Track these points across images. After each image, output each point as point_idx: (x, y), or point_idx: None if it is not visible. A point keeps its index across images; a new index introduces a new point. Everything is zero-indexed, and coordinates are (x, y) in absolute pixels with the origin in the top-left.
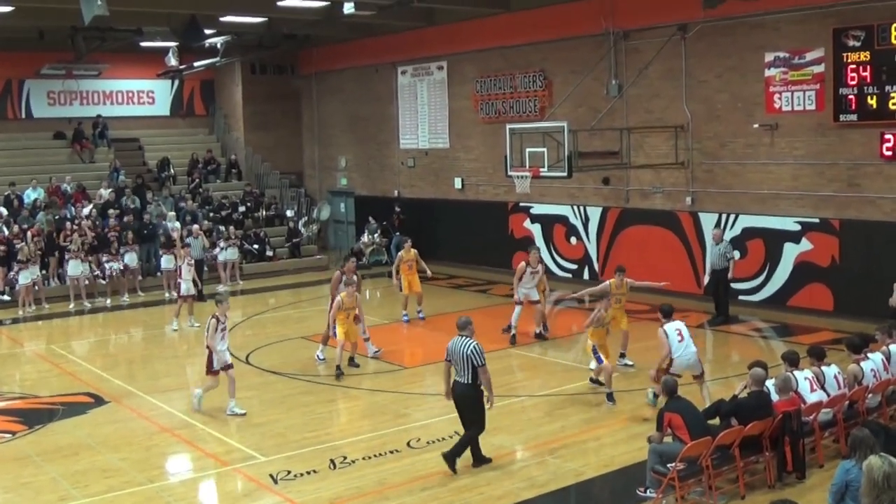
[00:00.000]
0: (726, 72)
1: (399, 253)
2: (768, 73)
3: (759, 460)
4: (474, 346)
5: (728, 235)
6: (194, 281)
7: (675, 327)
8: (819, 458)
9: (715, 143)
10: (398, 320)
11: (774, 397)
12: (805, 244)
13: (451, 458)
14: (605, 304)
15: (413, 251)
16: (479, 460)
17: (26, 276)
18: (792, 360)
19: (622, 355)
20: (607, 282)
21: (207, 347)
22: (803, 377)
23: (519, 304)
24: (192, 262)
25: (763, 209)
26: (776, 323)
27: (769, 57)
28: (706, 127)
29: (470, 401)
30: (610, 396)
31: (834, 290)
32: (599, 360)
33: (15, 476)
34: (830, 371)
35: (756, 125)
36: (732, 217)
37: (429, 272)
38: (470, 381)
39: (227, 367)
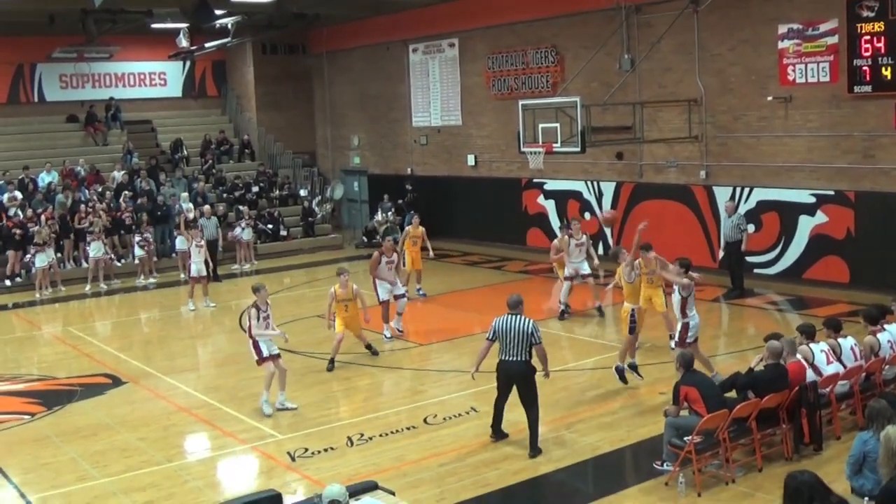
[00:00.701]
0: (739, 44)
1: (407, 227)
2: (781, 45)
3: (776, 433)
4: (533, 324)
5: (743, 209)
6: (206, 262)
7: (693, 288)
8: (836, 430)
9: (728, 117)
10: (411, 297)
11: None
12: (820, 216)
13: (534, 447)
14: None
15: (420, 228)
16: (499, 435)
17: (42, 260)
18: (808, 333)
19: (671, 337)
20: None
21: (250, 337)
22: (819, 349)
23: (568, 279)
24: (203, 242)
25: (778, 182)
26: (792, 296)
27: (782, 29)
28: (719, 100)
29: (528, 378)
30: (620, 373)
31: (849, 263)
32: (631, 330)
33: (35, 457)
34: (847, 343)
35: (770, 98)
36: (747, 190)
37: (431, 252)
38: (526, 359)
39: (275, 356)
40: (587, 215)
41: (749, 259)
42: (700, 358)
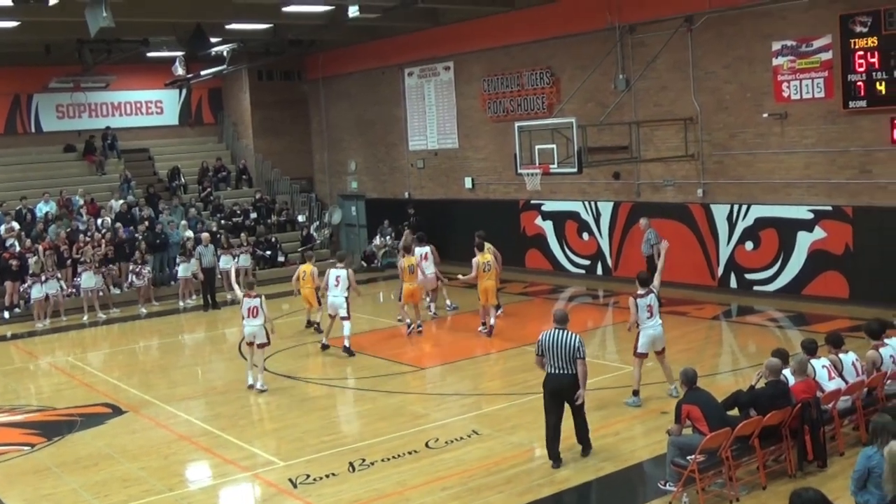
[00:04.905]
0: (734, 62)
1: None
2: (776, 61)
3: (779, 450)
4: (579, 338)
5: (741, 226)
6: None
7: (646, 303)
8: (839, 446)
9: (725, 134)
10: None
11: (792, 381)
12: (818, 232)
13: (587, 445)
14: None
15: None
16: (558, 460)
17: (39, 291)
18: (810, 349)
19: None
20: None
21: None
22: (821, 365)
23: None
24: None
25: (775, 199)
26: (792, 312)
27: (776, 46)
28: (715, 118)
29: (577, 389)
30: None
31: (849, 278)
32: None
33: (35, 488)
34: (848, 358)
35: (765, 115)
36: (745, 207)
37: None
38: (573, 372)
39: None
40: (585, 236)
41: (748, 276)
42: (664, 365)
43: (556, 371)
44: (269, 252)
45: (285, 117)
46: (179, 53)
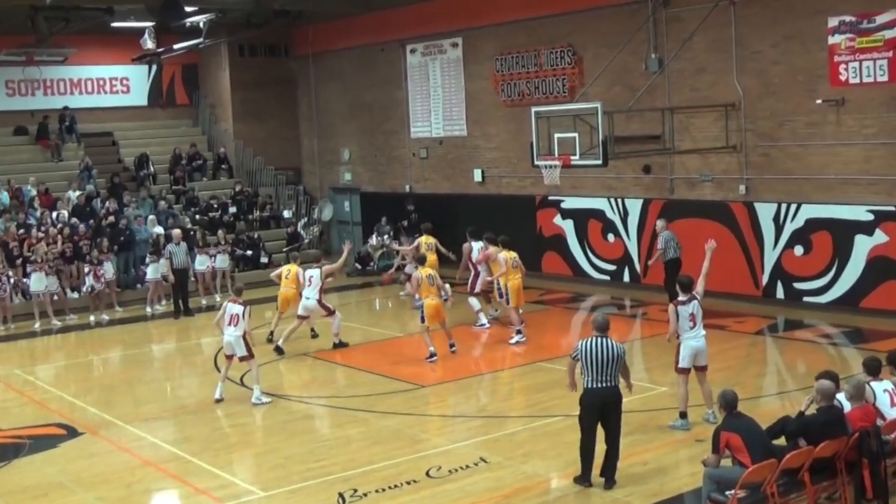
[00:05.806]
0: (783, 41)
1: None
2: (832, 40)
3: (833, 486)
4: (622, 346)
5: (789, 228)
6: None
7: (688, 311)
8: None
9: (772, 123)
10: (412, 333)
11: (847, 407)
12: (879, 236)
13: (611, 477)
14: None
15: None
16: (589, 481)
17: None
18: (872, 368)
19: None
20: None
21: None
22: (882, 389)
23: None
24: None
25: (829, 197)
26: (848, 327)
27: (833, 22)
28: (761, 104)
29: (620, 403)
30: None
31: None
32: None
33: None
34: None
35: (819, 101)
36: (794, 207)
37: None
38: (617, 384)
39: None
40: (610, 237)
41: (797, 285)
42: (704, 389)
43: (597, 385)
44: (250, 252)
45: (270, 99)
46: (149, 24)
